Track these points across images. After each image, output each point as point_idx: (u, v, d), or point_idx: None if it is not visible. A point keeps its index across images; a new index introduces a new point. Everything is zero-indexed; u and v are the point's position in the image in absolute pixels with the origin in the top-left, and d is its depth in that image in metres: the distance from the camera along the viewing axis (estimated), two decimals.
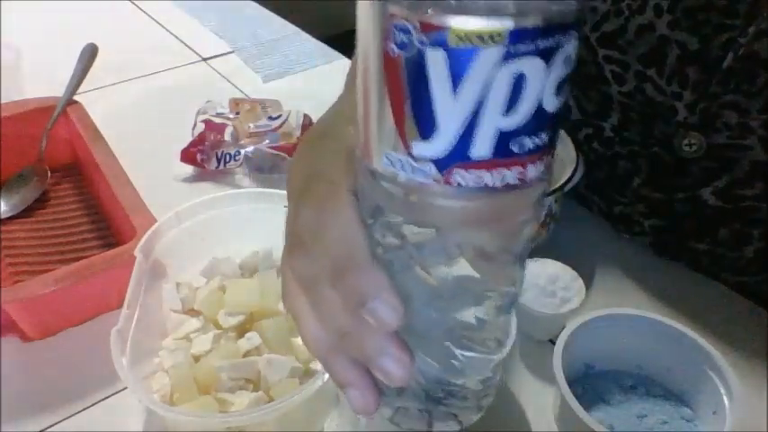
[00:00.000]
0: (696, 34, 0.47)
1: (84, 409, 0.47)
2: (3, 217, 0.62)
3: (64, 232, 0.62)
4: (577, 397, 0.40)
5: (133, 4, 1.06)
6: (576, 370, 0.46)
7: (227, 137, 0.69)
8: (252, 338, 0.47)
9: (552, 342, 0.45)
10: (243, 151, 0.68)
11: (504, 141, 0.19)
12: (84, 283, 0.49)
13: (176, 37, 0.98)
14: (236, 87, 0.85)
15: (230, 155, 0.68)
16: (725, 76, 0.47)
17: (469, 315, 0.24)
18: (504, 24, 0.17)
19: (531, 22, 0.18)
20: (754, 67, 0.46)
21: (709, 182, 0.53)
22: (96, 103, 0.75)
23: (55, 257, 0.59)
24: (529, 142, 0.20)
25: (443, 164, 0.20)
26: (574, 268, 0.51)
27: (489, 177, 0.20)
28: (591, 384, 0.46)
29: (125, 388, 0.47)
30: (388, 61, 0.19)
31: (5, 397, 0.47)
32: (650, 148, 0.56)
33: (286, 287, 0.27)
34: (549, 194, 0.53)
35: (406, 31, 0.18)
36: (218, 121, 0.70)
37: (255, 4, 1.10)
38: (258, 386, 0.45)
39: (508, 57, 0.18)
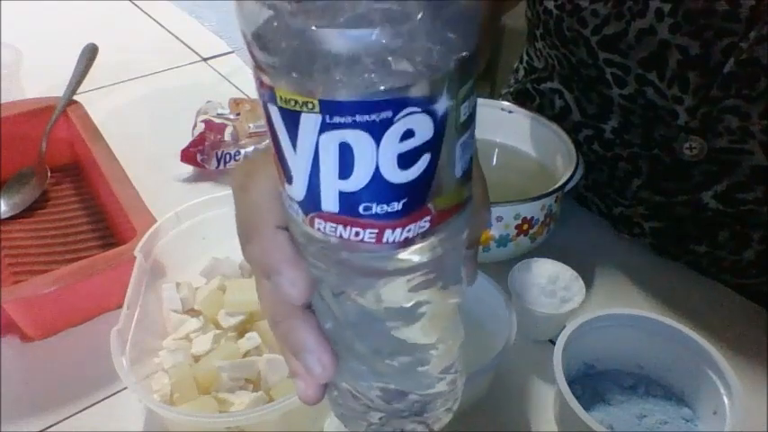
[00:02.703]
0: (697, 39, 0.47)
1: (84, 409, 0.47)
2: (3, 217, 0.62)
3: (64, 232, 0.62)
4: (577, 397, 0.40)
5: (133, 4, 1.06)
6: (575, 370, 0.46)
7: (227, 137, 0.69)
8: (252, 338, 0.47)
9: (552, 342, 0.45)
10: (243, 151, 0.68)
11: (348, 202, 0.19)
12: (84, 283, 0.49)
13: (176, 37, 0.97)
14: (236, 87, 0.85)
15: (230, 155, 0.68)
16: (726, 81, 0.47)
17: (407, 333, 0.24)
18: (315, 95, 0.18)
19: (343, 96, 0.18)
20: (754, 71, 0.46)
21: (709, 185, 0.53)
22: (96, 103, 0.75)
23: (55, 257, 0.59)
24: (377, 209, 0.20)
25: (305, 208, 0.21)
26: (574, 268, 0.51)
27: (343, 231, 0.20)
28: (591, 384, 0.46)
29: (125, 388, 0.47)
30: (259, 105, 0.20)
31: (5, 397, 0.47)
32: (651, 150, 0.56)
33: None
34: (549, 194, 0.53)
35: (258, 84, 0.19)
36: (218, 121, 0.70)
37: None
38: (258, 386, 0.45)
39: (326, 125, 0.18)
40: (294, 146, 0.19)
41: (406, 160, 0.19)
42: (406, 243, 0.21)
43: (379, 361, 0.25)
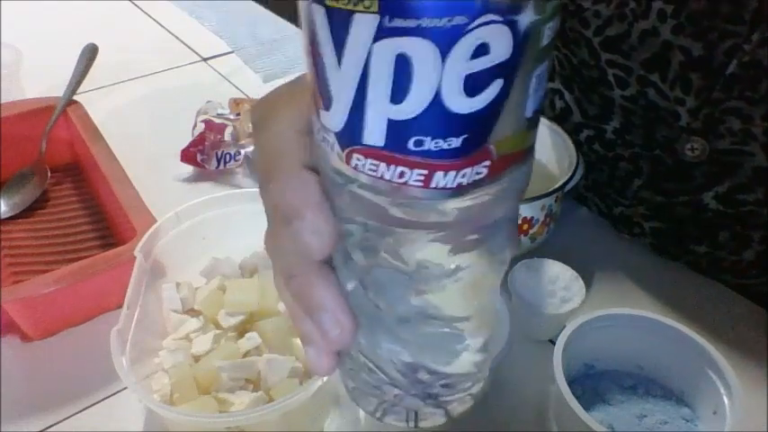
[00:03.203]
0: (700, 40, 0.47)
1: (84, 409, 0.47)
2: (3, 217, 0.62)
3: (64, 232, 0.62)
4: (577, 397, 0.40)
5: (133, 4, 1.06)
6: (576, 370, 0.46)
7: (227, 137, 0.69)
8: (252, 338, 0.47)
9: (552, 342, 0.45)
10: (243, 151, 0.68)
11: (397, 133, 0.17)
12: (84, 283, 0.49)
13: (176, 37, 0.97)
14: (237, 87, 0.85)
15: (230, 155, 0.68)
16: (728, 83, 0.47)
17: (439, 301, 0.21)
18: None
19: None
20: (757, 73, 0.45)
21: (710, 186, 0.53)
22: (96, 103, 0.75)
23: (55, 257, 0.59)
24: (431, 144, 0.17)
25: (342, 141, 0.18)
26: (574, 268, 0.51)
27: (386, 171, 0.17)
28: (591, 384, 0.46)
29: (125, 388, 0.47)
30: (302, 9, 0.17)
31: (5, 397, 0.47)
32: (652, 151, 0.56)
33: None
34: (549, 194, 0.53)
35: None
36: (218, 121, 0.70)
37: (255, 4, 1.09)
38: (258, 386, 0.45)
39: (384, 30, 0.15)
40: (339, 58, 0.16)
41: (474, 84, 0.16)
42: (459, 191, 0.17)
43: (403, 330, 0.22)
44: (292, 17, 1.05)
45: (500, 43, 0.15)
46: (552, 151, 0.60)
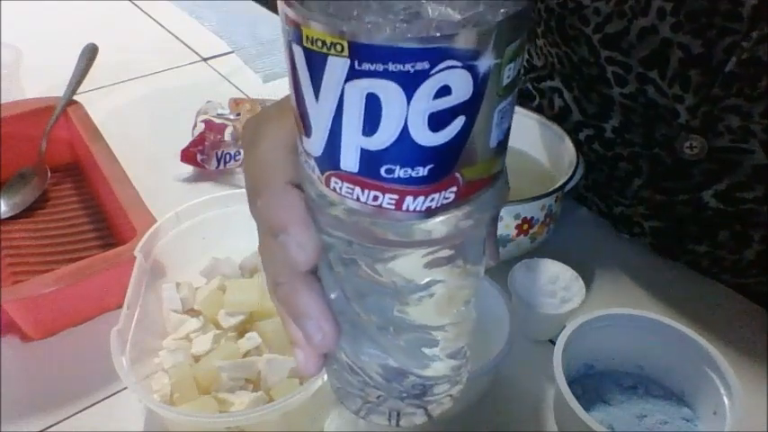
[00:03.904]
0: (699, 37, 0.47)
1: (84, 409, 0.47)
2: (3, 217, 0.62)
3: (64, 232, 0.62)
4: (577, 397, 0.40)
5: (133, 4, 1.06)
6: (575, 370, 0.46)
7: (227, 137, 0.69)
8: (252, 338, 0.47)
9: (552, 342, 0.45)
10: (243, 151, 0.68)
11: (369, 162, 0.18)
12: (84, 283, 0.49)
13: (176, 37, 0.98)
14: (237, 87, 0.85)
15: (230, 155, 0.68)
16: (727, 80, 0.47)
17: (416, 312, 0.23)
18: (345, 36, 0.16)
19: (376, 39, 0.16)
20: (756, 71, 0.46)
21: (710, 184, 0.53)
22: (96, 103, 0.75)
23: (55, 257, 0.59)
24: (400, 172, 0.18)
25: (321, 165, 0.19)
26: (574, 268, 0.51)
27: (361, 194, 0.19)
28: (591, 384, 0.46)
29: (125, 388, 0.47)
30: (284, 47, 0.19)
31: (5, 397, 0.47)
32: (651, 149, 0.56)
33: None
34: (549, 194, 0.53)
35: (283, 20, 0.18)
36: (218, 121, 0.70)
37: (255, 4, 1.10)
38: (258, 386, 0.45)
39: (355, 72, 0.16)
40: (317, 94, 0.18)
41: (437, 121, 0.17)
42: (428, 213, 0.19)
43: (382, 337, 0.23)
44: None
45: (461, 85, 0.17)
46: (552, 151, 0.60)
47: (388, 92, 0.16)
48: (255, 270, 0.53)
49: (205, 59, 0.92)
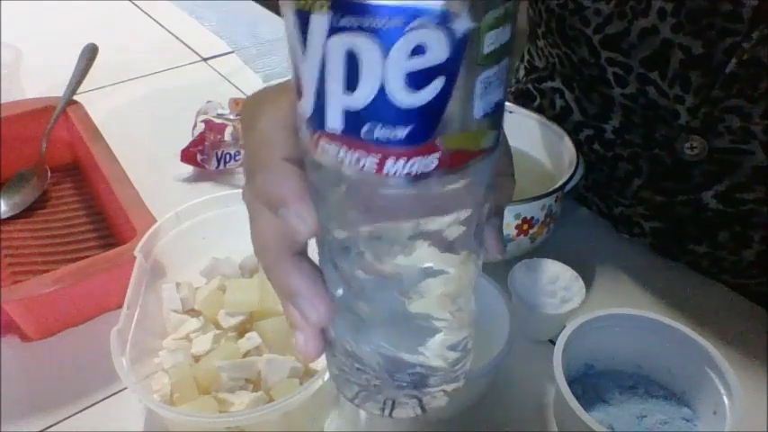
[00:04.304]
0: (700, 38, 0.47)
1: (84, 409, 0.47)
2: (3, 217, 0.62)
3: (64, 232, 0.62)
4: (577, 397, 0.40)
5: (133, 4, 1.06)
6: (575, 370, 0.46)
7: (227, 137, 0.69)
8: (252, 338, 0.47)
9: (552, 342, 0.45)
10: (243, 151, 0.68)
11: (352, 120, 0.18)
12: (84, 283, 0.49)
13: (176, 37, 0.98)
14: (237, 87, 0.85)
15: (230, 155, 0.68)
16: (728, 81, 0.47)
17: (415, 301, 0.23)
18: None
19: None
20: (757, 72, 0.46)
21: (710, 185, 0.53)
22: (96, 103, 0.75)
23: (55, 257, 0.59)
24: (380, 132, 0.18)
25: (311, 126, 0.20)
26: (574, 268, 0.51)
27: (345, 155, 0.19)
28: (591, 384, 0.46)
29: (125, 388, 0.47)
30: (281, 7, 0.19)
31: (5, 397, 0.47)
32: (651, 150, 0.56)
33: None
34: (549, 194, 0.53)
35: None
36: (218, 121, 0.70)
37: (255, 4, 1.10)
38: (258, 386, 0.45)
39: (335, 28, 0.17)
40: (304, 51, 0.18)
41: (415, 81, 0.18)
42: (410, 179, 0.19)
43: (386, 328, 0.24)
44: None
45: (436, 46, 0.17)
46: (552, 151, 0.60)
47: (366, 48, 0.17)
48: (255, 270, 0.53)
49: (205, 59, 0.92)
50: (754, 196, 0.52)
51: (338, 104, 0.18)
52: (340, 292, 0.24)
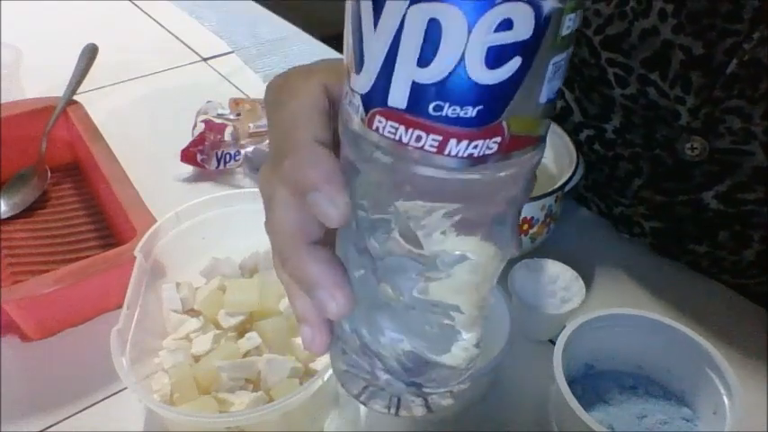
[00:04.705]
0: (700, 39, 0.47)
1: (84, 409, 0.47)
2: (3, 217, 0.62)
3: (64, 232, 0.62)
4: (577, 397, 0.40)
5: (133, 4, 1.06)
6: (575, 370, 0.46)
7: (227, 137, 0.69)
8: (252, 338, 0.47)
9: (552, 342, 0.45)
10: (243, 151, 0.68)
11: (419, 96, 0.18)
12: (84, 283, 0.49)
13: (176, 37, 0.97)
14: (237, 87, 0.85)
15: (230, 155, 0.68)
16: (728, 82, 0.47)
17: (440, 285, 0.22)
18: None
19: None
20: (757, 72, 0.45)
21: (711, 185, 0.53)
22: (96, 103, 0.75)
23: (55, 257, 0.59)
24: (448, 110, 0.18)
25: (367, 102, 0.19)
26: (574, 268, 0.51)
27: (404, 134, 0.18)
28: (591, 384, 0.46)
29: (125, 388, 0.47)
30: None
31: (5, 397, 0.47)
32: (652, 150, 0.56)
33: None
34: (549, 194, 0.53)
35: None
36: (218, 121, 0.70)
37: (255, 4, 1.10)
38: (258, 386, 0.45)
39: None
40: (375, 21, 0.18)
41: (495, 57, 0.17)
42: (469, 162, 0.19)
43: (408, 318, 0.23)
44: (292, 17, 1.05)
45: (523, 22, 0.17)
46: (552, 151, 0.60)
47: (451, 18, 0.17)
48: (255, 270, 0.53)
49: (205, 59, 0.92)
50: (755, 196, 0.52)
51: (407, 79, 0.18)
52: (358, 274, 0.23)
